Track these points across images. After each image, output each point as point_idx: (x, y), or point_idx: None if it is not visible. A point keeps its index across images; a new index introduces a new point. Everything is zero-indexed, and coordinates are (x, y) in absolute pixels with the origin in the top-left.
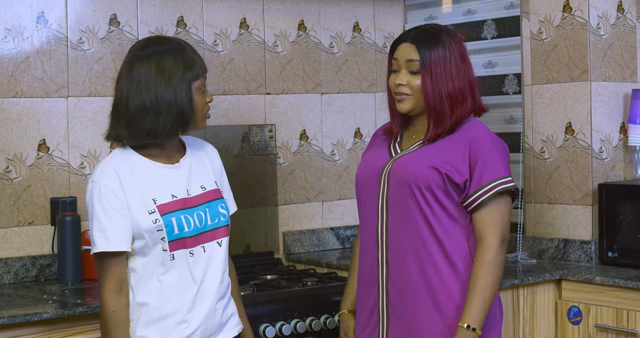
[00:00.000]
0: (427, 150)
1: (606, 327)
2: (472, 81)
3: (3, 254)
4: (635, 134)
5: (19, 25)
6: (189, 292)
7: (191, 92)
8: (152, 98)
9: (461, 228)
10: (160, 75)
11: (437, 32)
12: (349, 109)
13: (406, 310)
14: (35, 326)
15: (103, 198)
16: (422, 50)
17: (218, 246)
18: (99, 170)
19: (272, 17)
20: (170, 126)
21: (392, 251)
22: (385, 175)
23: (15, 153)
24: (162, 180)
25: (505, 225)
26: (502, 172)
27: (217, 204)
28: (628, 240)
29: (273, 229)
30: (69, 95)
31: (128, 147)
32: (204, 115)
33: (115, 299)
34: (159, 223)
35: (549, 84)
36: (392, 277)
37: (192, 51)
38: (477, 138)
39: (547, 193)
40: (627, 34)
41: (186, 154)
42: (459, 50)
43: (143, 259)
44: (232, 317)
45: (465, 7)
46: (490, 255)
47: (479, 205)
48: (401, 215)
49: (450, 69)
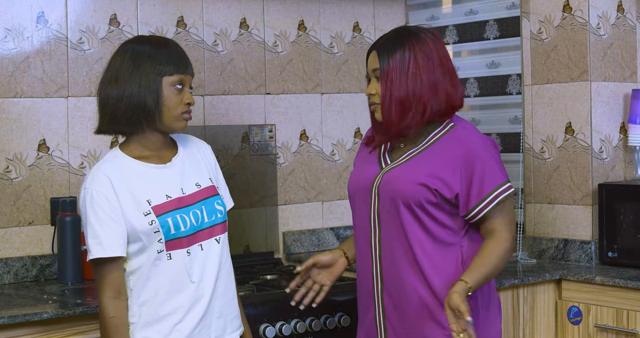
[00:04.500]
0: (416, 163)
1: (606, 327)
2: (437, 82)
3: (3, 254)
4: (635, 134)
5: (19, 25)
6: (187, 291)
7: (158, 84)
8: (118, 87)
9: (455, 237)
10: (130, 64)
11: (400, 36)
12: (349, 109)
13: (403, 322)
14: (35, 326)
15: (95, 204)
16: (382, 57)
17: (216, 243)
18: (90, 177)
19: (272, 17)
20: (131, 116)
21: (386, 264)
22: (376, 189)
23: (15, 153)
24: (154, 181)
25: (513, 226)
26: (500, 178)
27: (213, 201)
28: (628, 240)
29: (273, 229)
30: (69, 95)
31: (118, 150)
32: (179, 115)
33: (114, 305)
34: (155, 224)
35: (549, 84)
36: (387, 289)
37: (178, 50)
38: (470, 149)
39: (547, 193)
40: (627, 34)
41: (178, 152)
42: (424, 50)
43: (140, 261)
44: (235, 319)
45: (467, 7)
46: (505, 247)
47: (484, 216)
48: (392, 230)
49: (407, 71)
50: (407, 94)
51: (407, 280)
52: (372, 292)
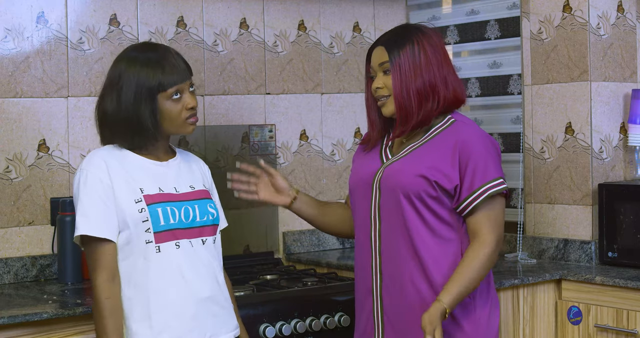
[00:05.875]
0: (417, 156)
1: (606, 327)
2: (446, 75)
3: (3, 254)
4: (635, 134)
5: (19, 25)
6: (178, 287)
7: (154, 103)
8: (114, 104)
9: (455, 233)
10: (124, 81)
11: (406, 31)
12: (349, 109)
13: (401, 318)
14: (35, 326)
15: (89, 185)
16: (391, 50)
17: (211, 243)
18: (87, 160)
19: (272, 17)
20: (132, 134)
21: (386, 259)
22: (377, 183)
23: (15, 153)
24: (150, 174)
25: (500, 226)
26: (493, 174)
27: (206, 203)
28: (628, 240)
29: (273, 229)
30: (69, 95)
31: (118, 146)
32: (183, 122)
33: (109, 286)
34: (144, 213)
35: (549, 84)
36: (386, 285)
37: (169, 59)
38: (466, 140)
39: (547, 193)
40: (627, 34)
41: (176, 157)
42: (431, 43)
43: (128, 252)
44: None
45: (468, 8)
46: (486, 252)
47: (472, 209)
48: (393, 223)
49: (420, 63)
50: (424, 84)
51: (406, 274)
52: (370, 287)
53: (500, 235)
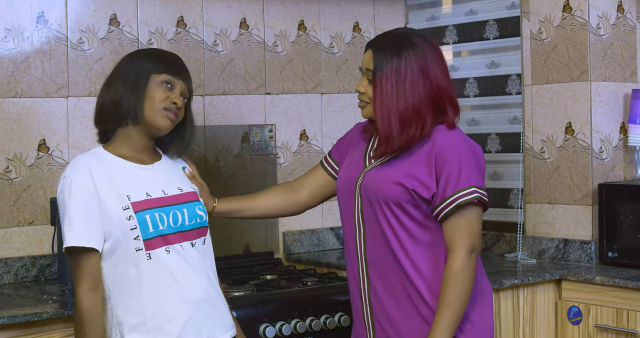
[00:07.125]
0: (396, 163)
1: (606, 327)
2: (434, 96)
3: (3, 254)
4: (635, 134)
5: (19, 25)
6: (172, 292)
7: (145, 81)
8: (109, 87)
9: (437, 237)
10: (124, 65)
11: (399, 42)
12: (349, 109)
13: (389, 321)
14: (35, 326)
15: (73, 194)
16: (377, 61)
17: (200, 245)
18: (70, 167)
19: (272, 17)
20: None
21: (371, 263)
22: (359, 188)
23: (15, 153)
24: (136, 179)
25: (473, 234)
26: (465, 182)
27: (194, 206)
28: (628, 240)
29: (273, 229)
30: (69, 95)
31: (101, 148)
32: (160, 110)
33: (90, 296)
34: (132, 220)
35: (549, 84)
36: (374, 289)
37: (176, 58)
38: (442, 146)
39: (547, 193)
40: (627, 34)
41: (162, 159)
42: (419, 63)
43: (116, 260)
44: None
45: (467, 8)
46: (457, 267)
47: (444, 217)
48: (375, 230)
49: (404, 83)
50: (407, 108)
51: (392, 280)
52: (359, 292)
53: (473, 245)
